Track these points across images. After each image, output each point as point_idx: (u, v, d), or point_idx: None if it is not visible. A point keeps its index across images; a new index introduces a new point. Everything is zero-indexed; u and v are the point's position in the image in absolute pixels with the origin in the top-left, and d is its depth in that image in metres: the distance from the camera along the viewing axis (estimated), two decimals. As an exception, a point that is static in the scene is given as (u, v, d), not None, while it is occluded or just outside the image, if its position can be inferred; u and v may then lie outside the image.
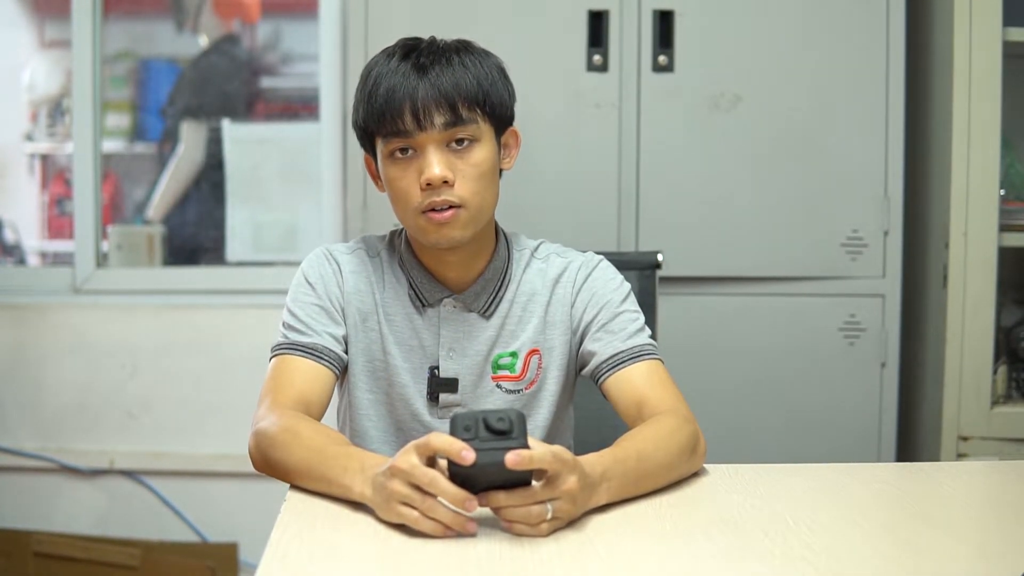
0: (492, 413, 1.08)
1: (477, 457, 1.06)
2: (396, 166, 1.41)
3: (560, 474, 1.10)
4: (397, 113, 1.37)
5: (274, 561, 1.02)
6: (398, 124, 1.38)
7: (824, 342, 2.31)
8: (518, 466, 1.05)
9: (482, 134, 1.41)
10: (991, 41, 2.17)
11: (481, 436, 1.07)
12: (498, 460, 1.05)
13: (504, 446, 1.06)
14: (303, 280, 1.50)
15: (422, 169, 1.38)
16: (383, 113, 1.38)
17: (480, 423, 1.08)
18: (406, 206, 1.41)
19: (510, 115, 1.48)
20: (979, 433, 2.23)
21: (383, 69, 1.40)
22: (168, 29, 3.31)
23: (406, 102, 1.37)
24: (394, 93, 1.38)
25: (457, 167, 1.39)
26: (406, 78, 1.38)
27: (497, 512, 1.10)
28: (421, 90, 1.37)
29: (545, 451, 1.09)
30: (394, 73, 1.39)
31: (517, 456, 1.05)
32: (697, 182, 2.29)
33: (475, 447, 1.06)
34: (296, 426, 1.31)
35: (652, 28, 2.26)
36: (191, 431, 2.73)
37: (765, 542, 1.10)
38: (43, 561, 2.67)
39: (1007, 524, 1.20)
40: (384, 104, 1.38)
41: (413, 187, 1.40)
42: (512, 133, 1.50)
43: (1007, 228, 2.23)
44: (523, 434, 1.08)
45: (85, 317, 2.76)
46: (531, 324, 1.51)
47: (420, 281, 1.50)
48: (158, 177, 3.19)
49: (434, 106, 1.37)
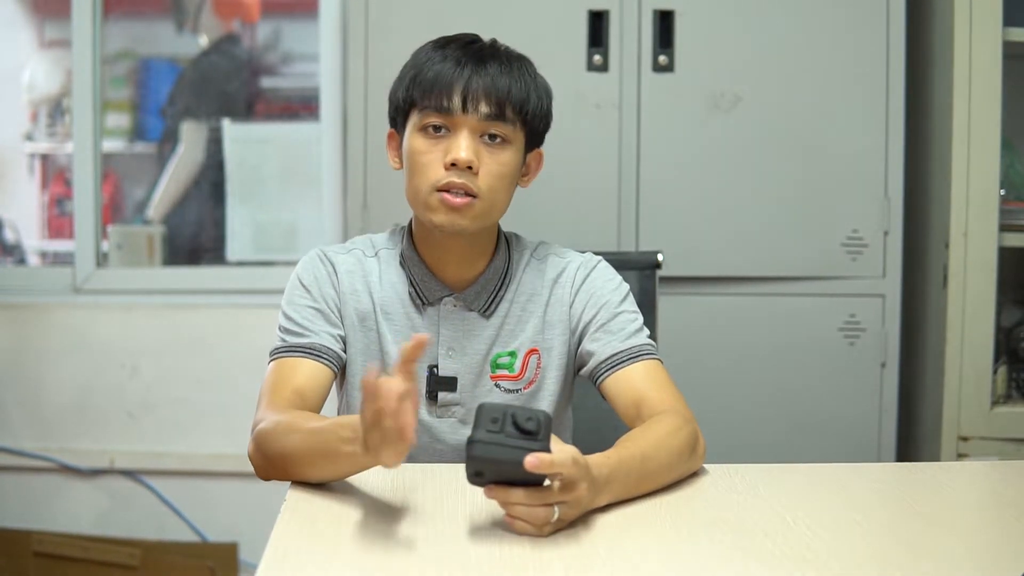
0: (522, 411, 1.08)
1: (498, 452, 1.05)
2: (426, 140, 1.42)
3: (576, 480, 1.10)
4: (447, 90, 1.40)
5: (274, 561, 1.02)
6: (443, 100, 1.40)
7: (824, 342, 2.31)
8: (536, 470, 1.05)
9: (515, 139, 1.44)
10: (991, 41, 2.17)
11: (507, 431, 1.07)
12: (518, 460, 1.05)
13: (527, 446, 1.06)
14: (298, 283, 1.50)
15: (450, 149, 1.40)
16: (433, 86, 1.41)
17: (508, 419, 1.07)
18: (423, 181, 1.42)
19: (542, 136, 1.51)
20: (979, 433, 2.23)
21: (439, 53, 1.44)
22: (168, 29, 3.31)
23: (458, 83, 1.40)
24: (447, 72, 1.41)
25: (484, 158, 1.41)
26: (463, 64, 1.41)
27: (503, 505, 1.10)
28: (475, 78, 1.40)
29: (566, 457, 1.08)
30: (450, 58, 1.42)
31: (537, 460, 1.05)
32: (697, 182, 2.29)
33: (499, 441, 1.06)
34: (287, 418, 1.31)
35: (652, 28, 2.26)
36: (191, 431, 2.73)
37: (765, 542, 1.10)
38: (43, 561, 2.67)
39: (1007, 524, 1.20)
40: (436, 78, 1.41)
41: (436, 164, 1.41)
42: (537, 155, 1.52)
43: (1007, 228, 2.23)
44: (547, 437, 1.08)
45: (85, 317, 2.77)
46: (530, 324, 1.52)
47: (421, 279, 1.50)
48: (158, 177, 3.19)
49: (483, 95, 1.40)
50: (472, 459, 1.07)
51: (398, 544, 1.08)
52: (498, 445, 1.06)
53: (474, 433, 1.07)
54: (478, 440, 1.07)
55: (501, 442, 1.06)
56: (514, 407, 1.09)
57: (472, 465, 1.08)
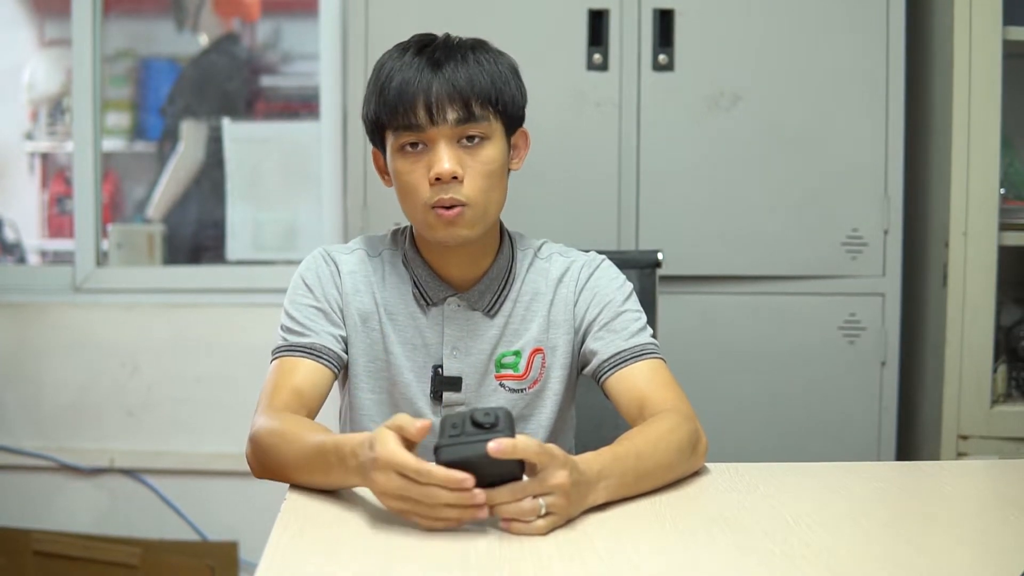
0: (478, 410, 1.09)
1: (462, 451, 1.06)
2: (406, 160, 1.41)
3: (548, 467, 1.10)
4: (410, 106, 1.37)
5: (274, 561, 1.02)
6: (410, 117, 1.38)
7: (824, 341, 2.31)
8: (501, 454, 1.05)
9: (493, 132, 1.42)
10: (991, 41, 2.17)
11: (467, 431, 1.08)
12: (481, 451, 1.05)
13: (488, 437, 1.06)
14: (300, 282, 1.50)
15: (431, 164, 1.38)
16: (396, 106, 1.38)
17: (467, 420, 1.09)
18: (414, 201, 1.41)
19: (521, 115, 1.48)
20: (979, 432, 2.23)
21: (397, 63, 1.41)
22: (168, 28, 3.31)
23: (419, 96, 1.37)
24: (407, 86, 1.38)
25: (467, 164, 1.40)
26: (420, 72, 1.38)
27: (493, 509, 1.10)
28: (435, 85, 1.37)
29: (529, 441, 1.08)
30: (408, 67, 1.39)
31: (499, 443, 1.05)
32: (697, 181, 2.29)
33: (461, 441, 1.07)
34: (280, 427, 1.30)
35: (652, 27, 2.26)
36: (191, 430, 2.73)
37: (765, 541, 1.10)
38: (43, 560, 2.67)
39: (1007, 523, 1.20)
40: (397, 97, 1.38)
41: (422, 182, 1.40)
42: (522, 134, 1.50)
43: (1007, 227, 2.23)
44: (509, 427, 1.08)
45: (85, 316, 2.77)
46: (535, 323, 1.51)
47: (424, 279, 1.50)
48: (158, 176, 3.19)
49: (447, 101, 1.37)
50: (442, 466, 1.08)
51: (398, 544, 1.08)
52: (461, 444, 1.07)
53: (438, 442, 1.09)
54: (441, 446, 1.08)
55: (463, 441, 1.07)
56: (472, 409, 1.10)
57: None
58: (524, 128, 1.50)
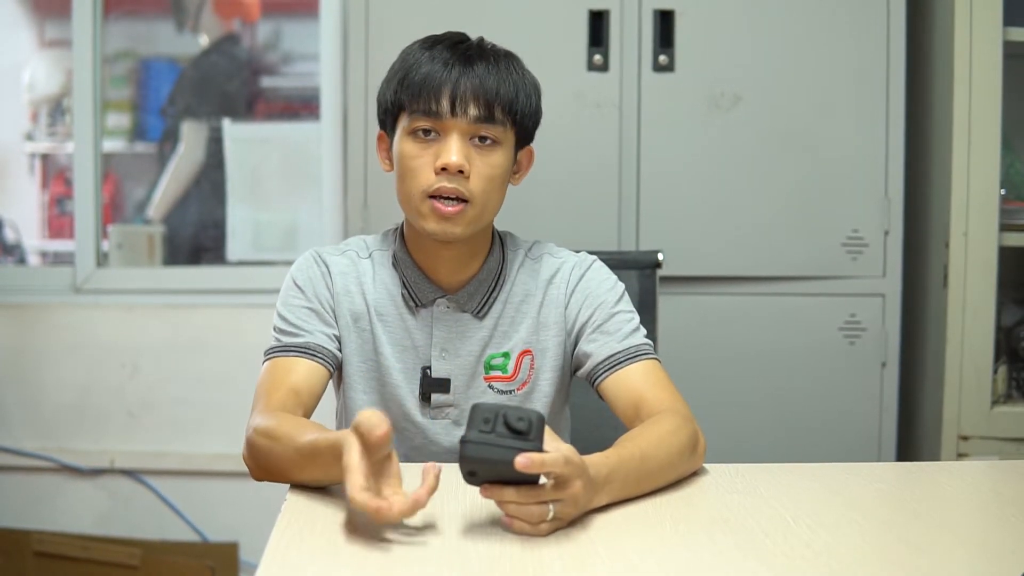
0: (513, 411, 1.08)
1: (488, 452, 1.06)
2: (415, 144, 1.41)
3: (569, 478, 1.10)
4: (435, 93, 1.39)
5: (274, 561, 1.02)
6: (432, 104, 1.39)
7: (824, 342, 2.31)
8: (527, 469, 1.05)
9: (504, 139, 1.43)
10: (991, 41, 2.17)
11: (498, 431, 1.07)
12: (508, 459, 1.05)
13: (517, 446, 1.06)
14: (292, 284, 1.50)
15: (440, 153, 1.39)
16: (420, 90, 1.40)
17: (500, 418, 1.07)
18: (414, 186, 1.42)
19: (532, 133, 1.50)
20: (979, 433, 2.23)
21: (427, 53, 1.42)
22: (168, 29, 3.31)
23: (447, 85, 1.39)
24: (436, 73, 1.40)
25: (475, 162, 1.41)
26: (451, 66, 1.40)
27: (500, 505, 1.10)
28: (464, 79, 1.39)
29: (557, 456, 1.08)
30: (438, 59, 1.41)
31: (527, 460, 1.05)
32: (697, 182, 2.29)
33: (490, 441, 1.06)
34: (275, 428, 1.29)
35: (652, 28, 2.26)
36: (191, 431, 2.73)
37: (765, 542, 1.10)
38: (43, 560, 2.67)
39: (1007, 524, 1.20)
40: (423, 81, 1.40)
41: (427, 168, 1.40)
42: (528, 152, 1.52)
43: (1007, 228, 2.23)
44: (539, 437, 1.08)
45: (85, 317, 2.77)
46: (524, 325, 1.51)
47: (413, 281, 1.50)
48: (158, 177, 3.19)
49: (471, 97, 1.39)
50: (464, 459, 1.08)
51: (397, 544, 1.08)
52: (489, 445, 1.06)
53: (466, 433, 1.08)
54: (469, 440, 1.07)
55: (492, 442, 1.06)
56: (507, 407, 1.09)
57: (465, 465, 1.09)
58: (532, 147, 1.52)
